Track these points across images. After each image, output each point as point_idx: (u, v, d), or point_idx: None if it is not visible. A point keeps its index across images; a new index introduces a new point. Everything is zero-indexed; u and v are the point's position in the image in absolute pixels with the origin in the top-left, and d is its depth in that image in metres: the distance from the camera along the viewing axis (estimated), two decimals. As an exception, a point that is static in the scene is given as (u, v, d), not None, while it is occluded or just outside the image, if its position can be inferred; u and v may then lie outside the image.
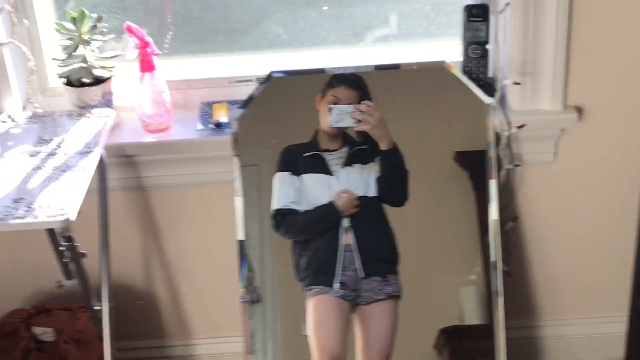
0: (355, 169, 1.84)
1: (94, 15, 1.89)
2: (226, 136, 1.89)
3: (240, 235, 1.86)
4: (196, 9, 1.99)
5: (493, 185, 1.84)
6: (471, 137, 1.86)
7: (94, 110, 1.86)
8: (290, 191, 1.84)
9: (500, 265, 1.84)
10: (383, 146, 1.82)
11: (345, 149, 1.86)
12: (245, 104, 1.88)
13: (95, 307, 1.85)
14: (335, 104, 1.82)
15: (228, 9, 1.99)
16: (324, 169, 1.84)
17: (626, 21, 1.82)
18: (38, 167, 1.66)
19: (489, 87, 1.91)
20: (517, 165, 1.94)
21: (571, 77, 1.87)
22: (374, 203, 1.83)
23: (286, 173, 1.85)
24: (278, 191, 1.85)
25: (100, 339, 1.87)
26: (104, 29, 1.91)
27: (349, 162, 1.85)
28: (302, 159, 1.85)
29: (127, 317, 2.09)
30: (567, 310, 2.12)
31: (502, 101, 1.91)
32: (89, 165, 1.66)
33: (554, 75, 1.85)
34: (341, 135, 1.86)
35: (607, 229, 2.03)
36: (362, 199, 1.83)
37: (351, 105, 1.82)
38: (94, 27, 1.88)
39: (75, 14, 1.87)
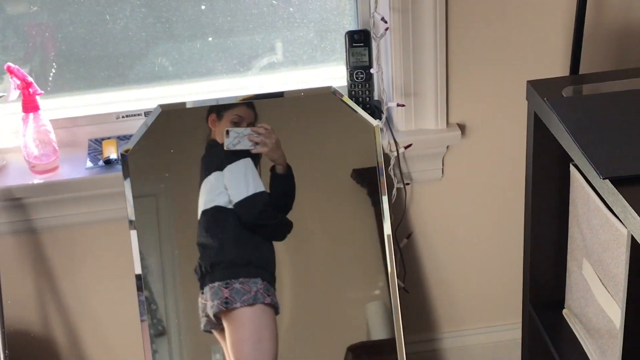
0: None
1: (-29, 58, 1.85)
2: (117, 172, 1.87)
3: (137, 269, 1.84)
4: (78, 45, 1.97)
5: (385, 203, 1.89)
6: (366, 155, 1.90)
7: (-23, 155, 1.81)
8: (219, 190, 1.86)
9: (395, 281, 1.88)
10: (279, 169, 1.85)
11: None
12: (135, 138, 1.87)
13: (-11, 357, 1.79)
14: (236, 123, 1.84)
15: (111, 44, 1.97)
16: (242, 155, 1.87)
17: (500, 42, 1.90)
18: None
19: (375, 109, 1.97)
20: (407, 184, 2.00)
21: (452, 97, 1.94)
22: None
23: (214, 174, 1.86)
24: (209, 191, 1.86)
25: (-3, 389, 1.81)
26: (-17, 72, 1.87)
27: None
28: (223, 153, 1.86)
29: (24, 364, 2.04)
30: (465, 321, 2.18)
31: (389, 122, 1.96)
32: (-26, 213, 1.61)
33: (436, 95, 1.92)
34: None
35: (496, 240, 2.10)
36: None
37: (248, 128, 1.83)
38: (-28, 69, 1.83)
39: (-49, 58, 1.82)
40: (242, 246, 1.84)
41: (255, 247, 1.86)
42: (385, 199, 1.89)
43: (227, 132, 1.83)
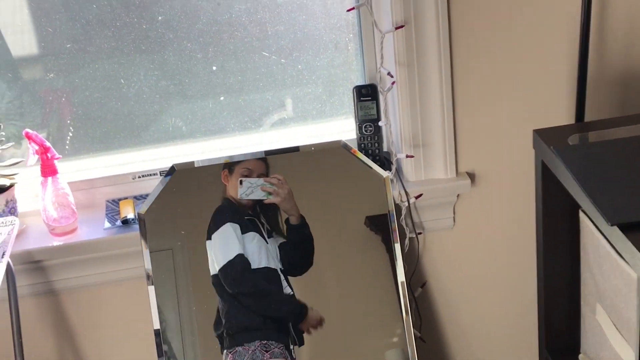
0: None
1: (-9, 126, 1.90)
2: (135, 232, 1.90)
3: (156, 324, 1.85)
4: (94, 109, 2.01)
5: (397, 250, 1.90)
6: (378, 203, 1.92)
7: (-2, 220, 1.85)
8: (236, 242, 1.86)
9: (411, 327, 1.89)
10: (293, 220, 1.88)
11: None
12: (151, 197, 1.90)
13: (13, 421, 1.80)
14: (246, 176, 1.87)
15: (126, 106, 2.01)
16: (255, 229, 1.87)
17: (505, 92, 1.93)
18: (-56, 285, 1.63)
19: (385, 161, 2.00)
20: (419, 233, 2.02)
21: (460, 146, 1.96)
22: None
23: (228, 224, 1.86)
24: (225, 247, 1.85)
25: None
26: (2, 138, 1.91)
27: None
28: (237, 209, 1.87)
29: None
30: (482, 368, 2.18)
31: (399, 173, 1.98)
32: (-3, 277, 1.64)
33: (444, 145, 1.94)
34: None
35: (509, 287, 2.11)
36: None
37: (261, 179, 1.87)
38: (-9, 137, 1.88)
39: (-29, 126, 1.87)
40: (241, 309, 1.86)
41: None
42: (397, 246, 1.91)
43: (241, 182, 1.87)
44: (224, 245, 1.85)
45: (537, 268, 1.84)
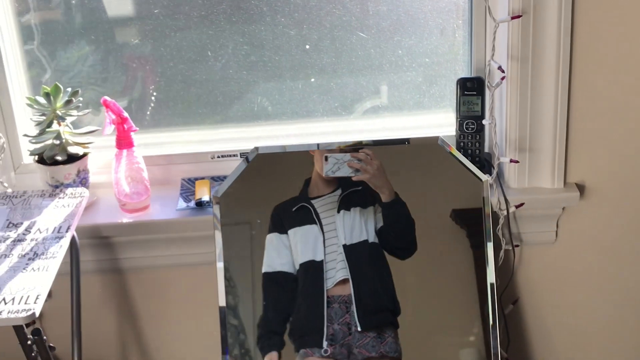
0: (353, 213, 1.74)
1: (69, 90, 1.81)
2: (208, 216, 1.79)
3: (222, 302, 1.75)
4: (178, 81, 1.92)
5: (490, 251, 1.74)
6: (468, 195, 1.78)
7: (68, 190, 1.76)
8: (277, 253, 1.74)
9: (498, 348, 1.73)
10: (384, 197, 1.73)
11: (338, 192, 1.76)
12: (228, 181, 1.78)
13: (65, 402, 1.72)
14: (331, 151, 1.73)
15: (211, 81, 1.91)
16: (310, 219, 1.74)
17: (628, 94, 1.75)
18: (4, 255, 1.55)
19: (485, 163, 1.83)
20: (516, 246, 1.85)
21: (571, 153, 1.79)
22: (376, 249, 1.73)
23: (274, 234, 1.76)
24: (266, 253, 1.75)
25: None
26: (80, 104, 1.82)
27: (345, 205, 1.74)
28: (290, 213, 1.76)
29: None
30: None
31: (499, 178, 1.82)
32: (59, 253, 1.55)
33: (554, 151, 1.77)
34: (336, 178, 1.77)
35: (613, 315, 1.93)
36: (363, 245, 1.72)
37: (348, 154, 1.72)
38: (69, 102, 1.79)
39: (48, 89, 1.78)
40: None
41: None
42: (490, 246, 1.74)
43: (326, 157, 1.73)
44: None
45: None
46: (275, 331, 1.74)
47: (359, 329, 1.69)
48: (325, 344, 1.69)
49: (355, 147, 1.76)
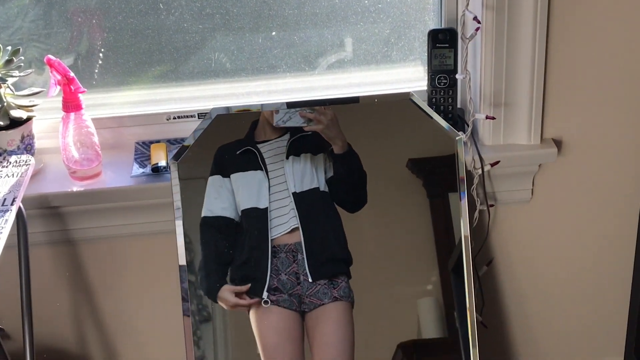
0: (303, 160, 1.67)
1: (9, 48, 1.68)
2: (166, 182, 1.69)
3: (182, 261, 1.67)
4: (128, 36, 1.81)
5: (465, 206, 1.69)
6: (424, 144, 1.73)
7: (12, 158, 1.63)
8: (218, 196, 1.67)
9: (474, 312, 1.68)
10: (337, 149, 1.66)
11: (287, 137, 1.69)
12: (185, 146, 1.68)
13: (18, 386, 1.62)
14: None
15: (163, 36, 1.80)
16: (255, 165, 1.67)
17: (606, 47, 1.68)
18: (-57, 232, 1.42)
19: (458, 120, 1.74)
20: (491, 206, 1.78)
21: (548, 108, 1.73)
22: (327, 198, 1.67)
23: (216, 177, 1.68)
24: (207, 196, 1.68)
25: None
26: (21, 63, 1.69)
27: (294, 151, 1.67)
28: (234, 157, 1.68)
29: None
30: (544, 358, 1.98)
31: (474, 136, 1.75)
32: (4, 229, 1.43)
33: (531, 106, 1.70)
34: None
35: (589, 274, 1.90)
36: (314, 192, 1.66)
37: None
38: (9, 61, 1.66)
39: (-14, 48, 1.64)
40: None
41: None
42: (464, 203, 1.69)
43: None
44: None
45: (635, 258, 1.58)
46: (215, 279, 1.68)
47: (309, 279, 1.64)
48: (265, 294, 1.63)
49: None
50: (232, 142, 1.70)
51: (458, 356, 1.72)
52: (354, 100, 1.70)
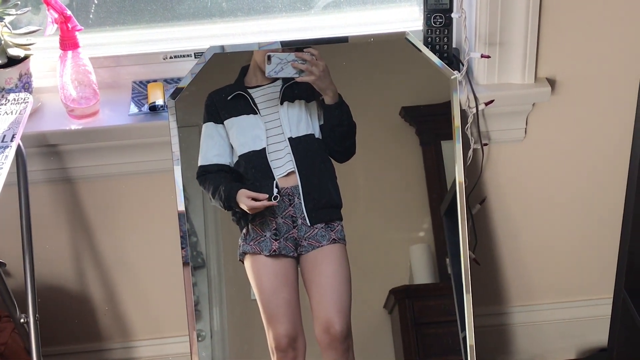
0: (298, 106, 1.68)
1: (5, -14, 1.66)
2: (163, 121, 1.70)
3: (180, 207, 1.69)
4: (123, -25, 1.79)
5: (459, 150, 1.70)
6: (418, 92, 1.74)
7: (10, 95, 1.64)
8: (214, 143, 1.68)
9: (467, 250, 1.71)
10: (327, 100, 1.67)
11: (279, 82, 1.68)
12: (183, 83, 1.68)
13: (20, 320, 1.64)
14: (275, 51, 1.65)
15: (160, -26, 1.79)
16: (248, 109, 1.67)
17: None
18: (-57, 167, 1.44)
19: (453, 59, 1.75)
20: (484, 145, 1.79)
21: (543, 48, 1.73)
22: (320, 144, 1.68)
23: (209, 123, 1.68)
24: (201, 145, 1.68)
25: (28, 351, 1.67)
26: (18, 1, 1.68)
27: (288, 97, 1.68)
28: (226, 102, 1.68)
29: (59, 321, 1.93)
30: (538, 296, 2.01)
31: (469, 75, 1.75)
32: (5, 164, 1.44)
33: (525, 45, 1.70)
34: None
35: (581, 213, 1.92)
36: (310, 138, 1.67)
37: (292, 54, 1.63)
38: (5, 0, 1.65)
39: (-19, -15, 1.63)
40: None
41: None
42: (459, 147, 1.70)
43: (269, 57, 1.64)
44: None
45: (626, 197, 1.61)
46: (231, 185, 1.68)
47: (308, 223, 1.65)
48: (275, 190, 1.64)
49: (299, 48, 1.67)
50: (222, 88, 1.69)
51: (450, 301, 1.74)
52: (343, 40, 1.70)
